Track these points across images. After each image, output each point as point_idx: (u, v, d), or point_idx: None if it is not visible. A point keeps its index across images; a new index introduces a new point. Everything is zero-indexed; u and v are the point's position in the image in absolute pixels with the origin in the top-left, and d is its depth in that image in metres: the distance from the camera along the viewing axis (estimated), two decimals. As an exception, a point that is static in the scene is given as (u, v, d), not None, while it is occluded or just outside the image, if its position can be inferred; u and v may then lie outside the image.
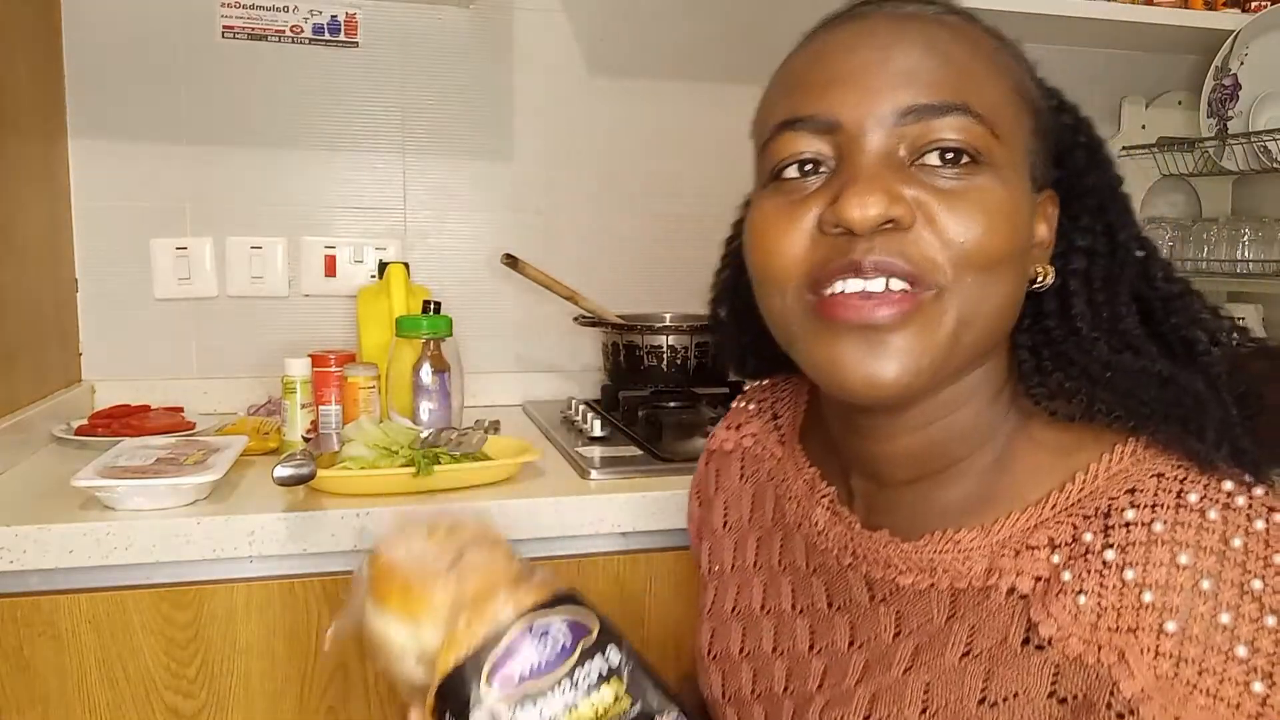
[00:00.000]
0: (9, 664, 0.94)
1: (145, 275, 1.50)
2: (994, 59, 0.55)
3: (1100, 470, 0.52)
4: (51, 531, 0.93)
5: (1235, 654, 0.44)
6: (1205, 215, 1.92)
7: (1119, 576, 0.47)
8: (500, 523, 1.04)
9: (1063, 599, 0.49)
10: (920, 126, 0.51)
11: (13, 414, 1.21)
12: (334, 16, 1.54)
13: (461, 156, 1.62)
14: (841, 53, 0.54)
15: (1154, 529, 0.47)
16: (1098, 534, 0.49)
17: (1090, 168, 0.59)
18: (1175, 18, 1.63)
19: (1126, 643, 0.46)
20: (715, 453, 0.79)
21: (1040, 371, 0.56)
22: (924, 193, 0.51)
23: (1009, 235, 0.51)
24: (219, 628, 0.99)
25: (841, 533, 0.62)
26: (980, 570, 0.53)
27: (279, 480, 0.96)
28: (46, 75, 1.40)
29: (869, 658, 0.58)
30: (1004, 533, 0.53)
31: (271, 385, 1.51)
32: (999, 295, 0.52)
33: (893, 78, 0.52)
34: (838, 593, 0.62)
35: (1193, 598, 0.45)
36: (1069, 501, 0.52)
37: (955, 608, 0.54)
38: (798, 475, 0.68)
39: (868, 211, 0.49)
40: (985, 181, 0.51)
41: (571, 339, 1.67)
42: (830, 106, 0.52)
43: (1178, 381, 0.53)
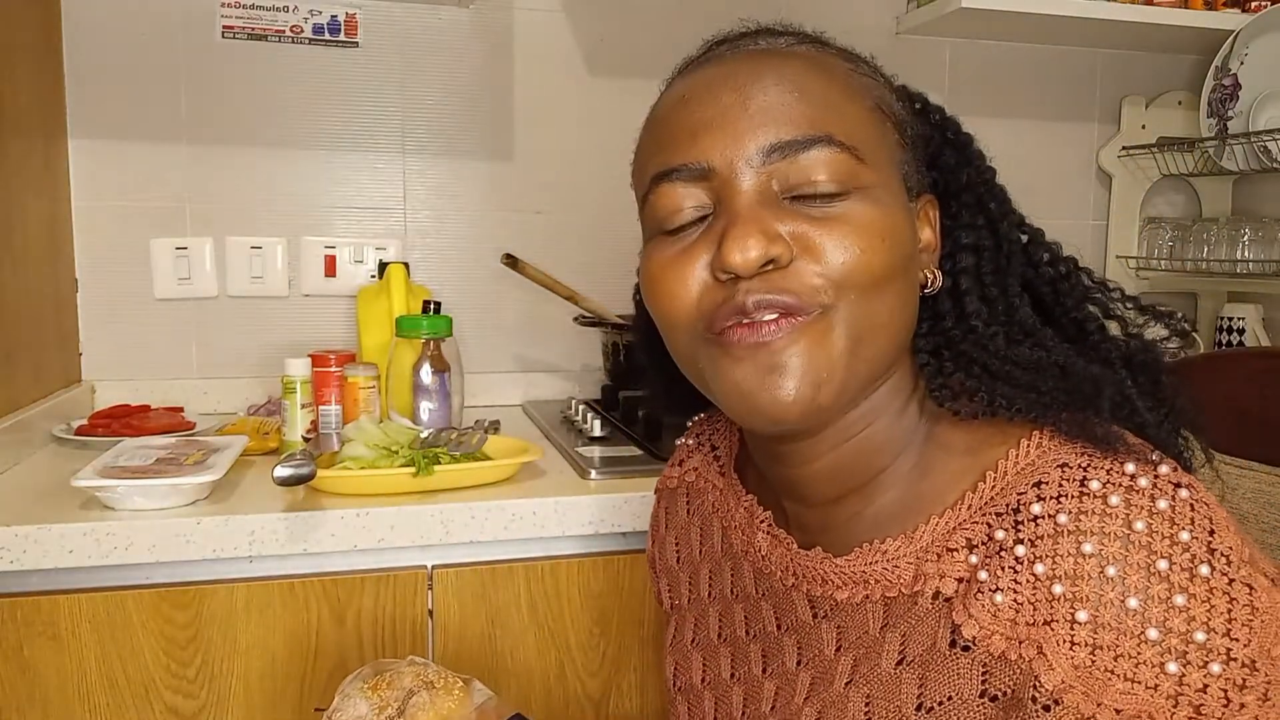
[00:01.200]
0: (9, 664, 0.94)
1: (145, 275, 1.50)
2: (849, 83, 0.56)
3: (1009, 466, 0.53)
4: (51, 531, 0.93)
5: (1147, 637, 0.45)
6: (1205, 215, 1.92)
7: (1030, 571, 0.48)
8: (500, 525, 1.04)
9: (981, 598, 0.50)
10: (786, 162, 0.53)
11: (13, 414, 1.21)
12: (334, 16, 1.54)
13: (461, 156, 1.62)
14: (704, 98, 0.55)
15: (1059, 520, 0.48)
16: (1009, 530, 0.50)
17: (962, 164, 0.61)
18: (1175, 18, 1.63)
19: (1043, 636, 0.47)
20: (663, 491, 0.80)
21: (941, 373, 0.58)
22: (799, 224, 0.52)
23: (887, 251, 0.53)
24: (219, 628, 0.99)
25: (782, 554, 0.63)
26: (908, 577, 0.54)
27: (279, 480, 0.96)
28: (46, 75, 1.40)
29: (814, 674, 0.59)
30: (926, 538, 0.54)
31: (271, 385, 1.51)
32: (888, 309, 0.54)
33: (755, 118, 0.53)
34: (785, 614, 0.63)
35: (1100, 585, 0.46)
36: (982, 501, 0.53)
37: (888, 616, 0.55)
38: (738, 504, 0.69)
39: (748, 255, 0.51)
40: (857, 205, 0.53)
41: (571, 339, 1.67)
42: (700, 153, 0.54)
43: (1073, 366, 0.54)
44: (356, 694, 0.68)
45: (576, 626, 1.09)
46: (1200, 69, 1.77)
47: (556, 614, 1.08)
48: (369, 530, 1.01)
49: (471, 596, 1.05)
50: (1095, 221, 1.90)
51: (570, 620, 1.09)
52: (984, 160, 0.62)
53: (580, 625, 1.09)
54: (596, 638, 1.10)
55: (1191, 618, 0.45)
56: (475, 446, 1.12)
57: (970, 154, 0.62)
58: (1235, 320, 1.75)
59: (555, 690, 1.09)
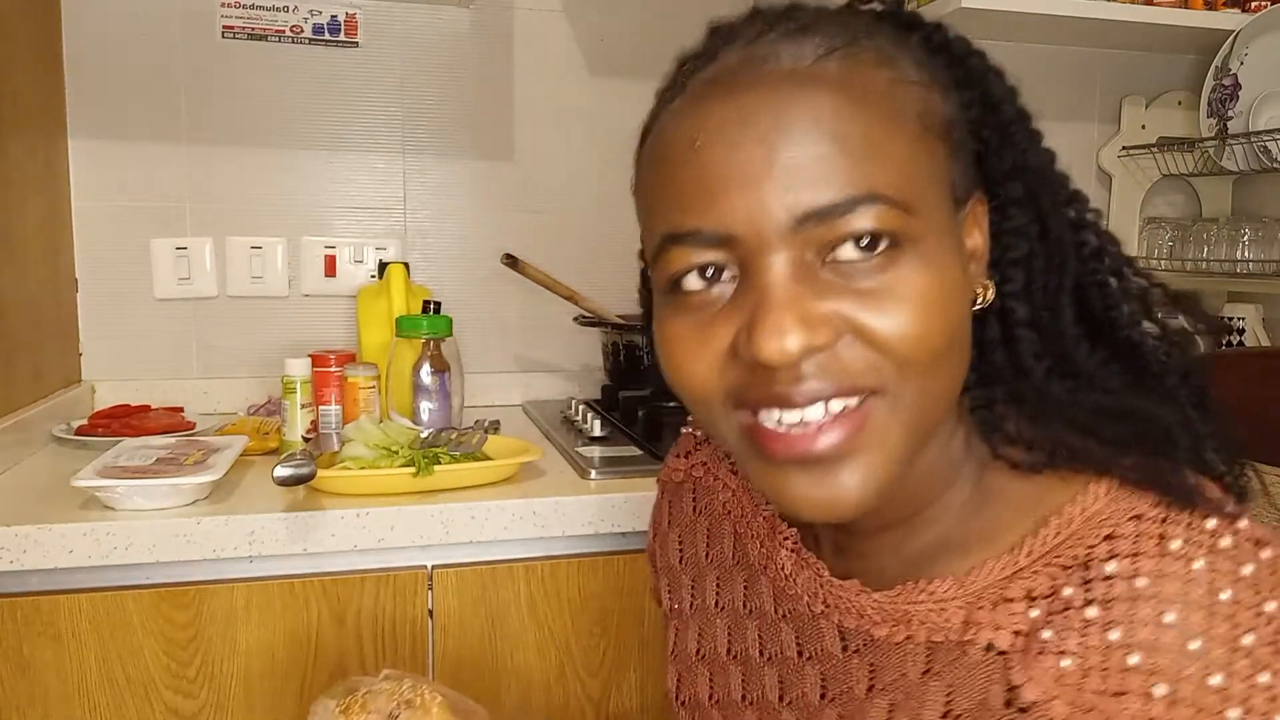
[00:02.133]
0: (9, 664, 0.94)
1: (145, 275, 1.50)
2: (891, 107, 0.46)
3: (1075, 513, 0.48)
4: (51, 531, 0.93)
5: (1227, 717, 0.41)
6: (1205, 215, 1.92)
7: (1102, 636, 0.44)
8: (500, 525, 1.04)
9: (1044, 659, 0.45)
10: (824, 227, 0.44)
11: (13, 414, 1.21)
12: (334, 16, 1.54)
13: (461, 156, 1.62)
14: (719, 146, 0.46)
15: (1136, 584, 0.44)
16: (1078, 588, 0.46)
17: (1004, 145, 0.52)
18: (1175, 18, 1.63)
19: (1113, 708, 0.43)
20: (666, 484, 0.74)
21: (994, 417, 0.53)
22: (843, 302, 0.45)
23: (945, 320, 0.46)
24: (219, 628, 0.99)
25: (810, 579, 0.58)
26: (957, 623, 0.50)
27: (279, 480, 0.96)
28: (46, 75, 1.40)
29: (841, 712, 0.55)
30: (980, 583, 0.49)
31: (271, 385, 1.51)
32: (947, 379, 0.48)
33: (784, 179, 0.44)
34: (808, 641, 0.58)
35: (1180, 659, 0.42)
36: (1044, 549, 0.48)
37: (931, 663, 0.50)
38: (756, 512, 0.64)
39: (787, 349, 0.44)
40: (907, 268, 0.45)
41: (571, 339, 1.67)
42: (719, 219, 0.45)
43: (1137, 411, 0.50)
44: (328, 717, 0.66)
45: (576, 626, 1.09)
46: (1200, 69, 1.77)
47: (556, 614, 1.08)
48: (369, 530, 1.01)
49: (471, 596, 1.06)
50: (1095, 221, 1.90)
51: (570, 620, 1.09)
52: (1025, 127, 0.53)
53: (580, 625, 1.09)
54: (596, 638, 1.10)
55: (1274, 697, 0.42)
56: (475, 446, 1.12)
57: (1011, 130, 0.52)
58: (1235, 320, 1.75)
59: (555, 690, 1.09)
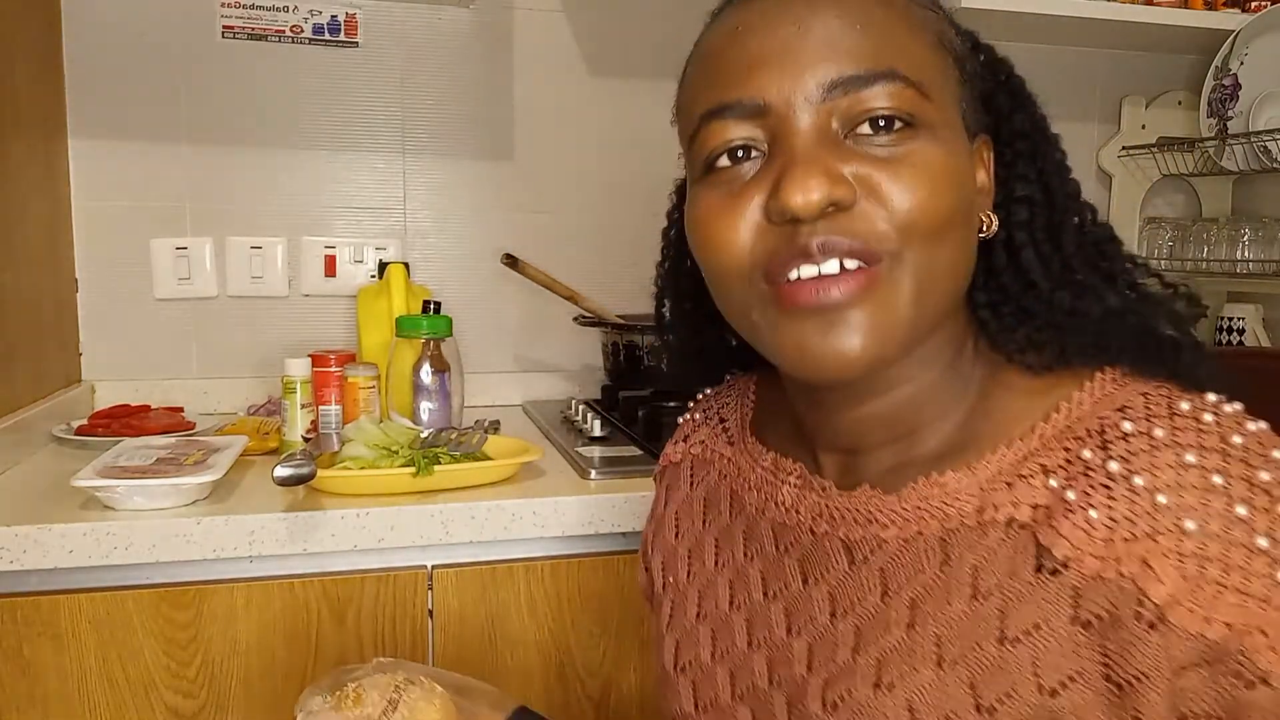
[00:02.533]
0: (9, 664, 0.94)
1: (145, 275, 1.50)
2: (911, 15, 0.53)
3: (1085, 397, 0.51)
4: (51, 531, 0.93)
5: (1256, 545, 0.44)
6: (1205, 215, 1.92)
7: (1128, 485, 0.46)
8: (500, 525, 1.04)
9: (1072, 517, 0.47)
10: (849, 99, 0.49)
11: (13, 414, 1.21)
12: (334, 16, 1.54)
13: (461, 156, 1.62)
14: (758, 31, 0.51)
15: (1155, 435, 0.47)
16: (1096, 450, 0.48)
17: (1016, 109, 0.58)
18: (1175, 18, 1.63)
19: (1148, 549, 0.45)
20: (665, 469, 0.75)
21: (1005, 329, 0.56)
22: (863, 165, 0.49)
23: (953, 195, 0.50)
24: (219, 628, 0.99)
25: (815, 501, 0.59)
26: (971, 509, 0.51)
27: (279, 480, 0.96)
28: (46, 75, 1.40)
29: (858, 623, 0.54)
30: (992, 468, 0.52)
31: (271, 385, 1.51)
32: (952, 255, 0.51)
33: (815, 52, 0.50)
34: (813, 566, 0.58)
35: (1206, 495, 0.45)
36: (1057, 429, 0.51)
37: (948, 553, 0.51)
38: (754, 465, 0.66)
39: (810, 197, 0.48)
40: (922, 144, 0.50)
41: (571, 339, 1.67)
42: (755, 89, 0.51)
43: (1144, 314, 0.54)
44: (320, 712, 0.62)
45: (576, 626, 1.09)
46: (1200, 69, 1.77)
47: (556, 614, 1.08)
48: (369, 530, 1.01)
49: (471, 596, 1.06)
50: (1095, 221, 1.90)
51: (570, 620, 1.09)
52: (1037, 107, 0.59)
53: (580, 625, 1.09)
54: (596, 638, 1.10)
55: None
56: (475, 446, 1.12)
57: (1024, 98, 0.59)
58: (1235, 320, 1.75)
59: (555, 690, 1.09)
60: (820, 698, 0.54)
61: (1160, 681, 0.44)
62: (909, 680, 0.50)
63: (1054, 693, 0.46)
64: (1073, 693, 0.46)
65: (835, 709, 0.53)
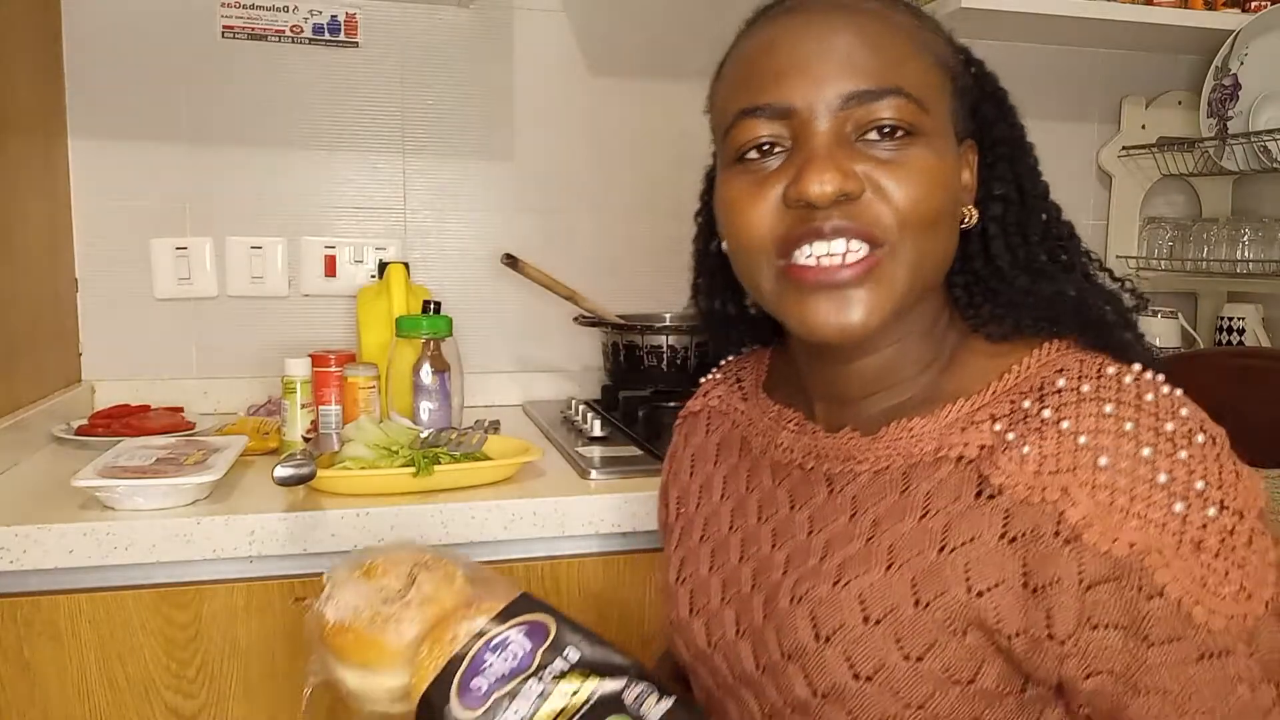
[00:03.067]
0: (9, 664, 0.94)
1: (145, 275, 1.50)
2: (915, 38, 0.62)
3: (1031, 361, 0.61)
4: (51, 531, 0.93)
5: (1157, 481, 0.52)
6: (1205, 215, 1.92)
7: (1056, 429, 0.55)
8: (500, 525, 1.04)
9: (1009, 453, 0.56)
10: (863, 109, 0.59)
11: (13, 414, 1.21)
12: (334, 16, 1.54)
13: (461, 156, 1.62)
14: (788, 44, 0.61)
15: (1082, 390, 0.56)
16: (1034, 401, 0.58)
17: (998, 119, 0.67)
18: (1175, 18, 1.63)
19: (1068, 480, 0.53)
20: (685, 418, 0.86)
21: (973, 305, 0.66)
22: (869, 166, 0.59)
23: (942, 195, 0.60)
24: (219, 628, 0.99)
25: (807, 442, 0.69)
26: (931, 449, 0.61)
27: (279, 480, 0.96)
28: (46, 75, 1.40)
29: (829, 538, 0.64)
30: (951, 417, 0.61)
31: (271, 385, 1.51)
32: (939, 245, 0.62)
33: (836, 67, 0.59)
34: (799, 494, 0.68)
35: (1118, 439, 0.53)
36: (1006, 387, 0.60)
37: (908, 482, 0.61)
38: (763, 414, 0.76)
39: (825, 188, 0.57)
40: (919, 150, 0.59)
41: (571, 339, 1.67)
42: (784, 94, 0.60)
43: (1087, 299, 0.63)
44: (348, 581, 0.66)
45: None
46: (1200, 69, 1.77)
47: (556, 614, 1.08)
48: (369, 530, 1.01)
49: (471, 596, 1.05)
50: (1095, 221, 1.90)
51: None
52: (1016, 116, 0.69)
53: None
54: (596, 638, 1.10)
55: (1191, 470, 0.53)
56: (475, 446, 1.12)
57: (1006, 109, 0.68)
58: (1235, 320, 1.75)
59: (555, 690, 1.09)
60: (790, 594, 0.64)
61: (1070, 588, 0.53)
62: (862, 579, 0.60)
63: (980, 594, 0.56)
64: (995, 595, 0.55)
65: (800, 602, 0.62)
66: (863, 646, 0.59)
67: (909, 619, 0.57)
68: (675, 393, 1.48)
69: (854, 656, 0.59)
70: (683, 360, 1.48)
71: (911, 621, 0.57)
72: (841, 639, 0.59)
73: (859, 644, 0.59)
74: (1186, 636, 0.52)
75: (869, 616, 0.59)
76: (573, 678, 0.60)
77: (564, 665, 0.60)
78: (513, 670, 0.59)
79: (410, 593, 0.65)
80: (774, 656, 0.63)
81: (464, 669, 0.59)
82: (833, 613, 0.60)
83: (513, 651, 0.60)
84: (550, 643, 0.61)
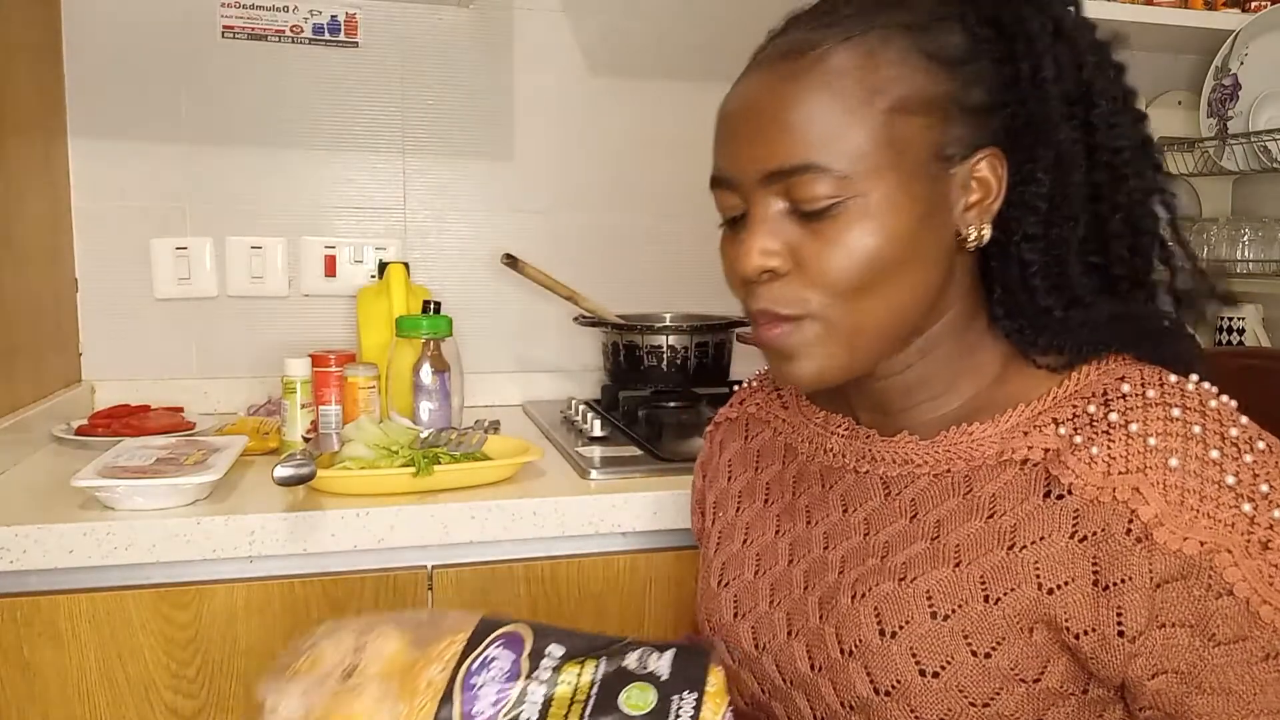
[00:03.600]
0: (9, 664, 0.94)
1: (145, 275, 1.50)
2: (864, 89, 0.57)
3: (1091, 370, 0.61)
4: (51, 531, 0.93)
5: (1225, 482, 0.54)
6: (1205, 215, 1.92)
7: (1124, 431, 0.56)
8: (500, 525, 1.04)
9: (1078, 454, 0.57)
10: (783, 184, 0.59)
11: (13, 414, 1.21)
12: (334, 16, 1.54)
13: (461, 156, 1.62)
14: (731, 114, 0.62)
15: (1148, 395, 0.57)
16: (1100, 405, 0.58)
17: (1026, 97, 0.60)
18: (1175, 18, 1.63)
19: (1139, 480, 0.54)
20: (719, 425, 0.86)
21: (1027, 341, 0.64)
22: (797, 237, 0.59)
23: (875, 259, 0.58)
24: (219, 628, 0.99)
25: (859, 446, 0.69)
26: (993, 452, 0.61)
27: (279, 480, 0.96)
28: (46, 75, 1.40)
29: (888, 540, 0.64)
30: (1012, 422, 0.61)
31: (271, 385, 1.51)
32: (875, 307, 0.60)
33: (753, 143, 0.60)
34: (853, 499, 0.68)
35: (1187, 441, 0.55)
36: (1067, 393, 0.61)
37: (970, 485, 0.61)
38: (807, 422, 0.76)
39: (748, 267, 0.60)
40: (853, 215, 0.58)
41: (571, 339, 1.67)
42: (725, 166, 0.62)
43: (1145, 316, 0.64)
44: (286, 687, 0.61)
45: (576, 627, 1.09)
46: (1200, 69, 1.77)
47: (556, 614, 1.08)
48: (369, 530, 1.01)
49: (471, 596, 1.05)
50: (1095, 221, 1.90)
51: (570, 620, 1.09)
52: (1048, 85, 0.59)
53: (580, 625, 1.09)
54: (596, 638, 1.10)
55: (1256, 474, 0.54)
56: (475, 446, 1.12)
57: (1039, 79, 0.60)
58: (1235, 320, 1.75)
59: (555, 690, 1.09)
60: (850, 592, 0.63)
61: (1141, 586, 0.53)
62: (929, 576, 0.60)
63: (1051, 591, 0.56)
64: (1066, 593, 0.56)
65: (863, 599, 0.62)
66: (930, 642, 0.59)
67: (978, 614, 0.58)
68: (675, 393, 1.48)
69: (920, 652, 0.59)
70: (683, 360, 1.48)
71: (981, 617, 0.57)
72: (908, 635, 0.59)
73: (926, 640, 0.59)
74: (1253, 636, 0.52)
75: (937, 612, 0.59)
76: (568, 668, 0.59)
77: (553, 662, 0.59)
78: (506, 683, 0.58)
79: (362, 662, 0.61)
80: (833, 654, 0.63)
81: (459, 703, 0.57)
82: (899, 608, 0.60)
83: (499, 666, 0.59)
84: (531, 648, 0.60)
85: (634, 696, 0.58)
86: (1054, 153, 0.60)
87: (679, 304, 1.67)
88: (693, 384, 1.50)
